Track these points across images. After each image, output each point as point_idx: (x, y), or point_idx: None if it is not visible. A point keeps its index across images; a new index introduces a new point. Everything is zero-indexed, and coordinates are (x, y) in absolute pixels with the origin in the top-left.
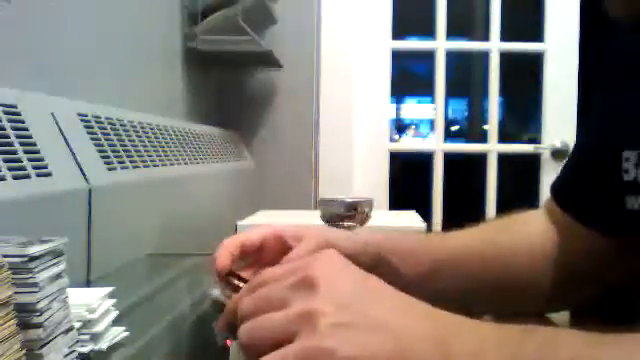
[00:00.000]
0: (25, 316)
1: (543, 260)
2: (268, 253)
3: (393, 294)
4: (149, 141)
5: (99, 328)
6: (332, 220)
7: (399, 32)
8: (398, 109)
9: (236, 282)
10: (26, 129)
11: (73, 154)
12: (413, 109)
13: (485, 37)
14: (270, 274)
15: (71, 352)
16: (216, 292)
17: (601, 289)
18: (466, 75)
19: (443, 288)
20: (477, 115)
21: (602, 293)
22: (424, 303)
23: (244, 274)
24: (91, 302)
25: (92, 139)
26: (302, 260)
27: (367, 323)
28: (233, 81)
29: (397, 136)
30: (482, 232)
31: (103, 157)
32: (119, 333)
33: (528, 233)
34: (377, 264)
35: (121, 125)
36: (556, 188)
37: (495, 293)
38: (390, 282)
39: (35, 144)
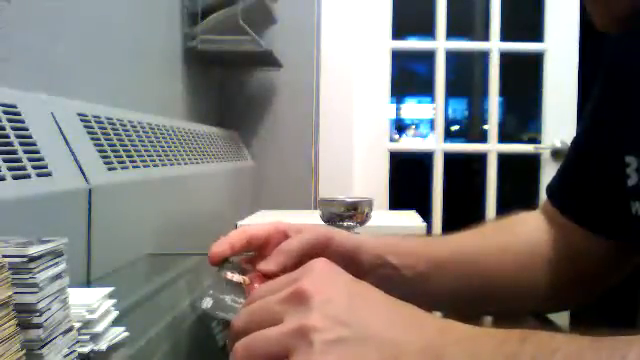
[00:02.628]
0: (25, 316)
1: (542, 260)
2: (272, 248)
3: (386, 304)
4: (149, 141)
5: (99, 328)
6: (332, 220)
7: (399, 32)
8: (398, 109)
9: (229, 276)
10: (26, 129)
11: (73, 154)
12: (413, 109)
13: (485, 37)
14: (263, 290)
15: (71, 352)
16: (207, 303)
17: (601, 289)
18: (466, 75)
19: (443, 288)
20: (477, 115)
21: (602, 293)
22: (418, 310)
23: (246, 266)
24: (91, 302)
25: (92, 139)
26: (294, 272)
27: (361, 337)
28: (233, 81)
29: (397, 136)
30: (482, 233)
31: (103, 157)
32: (119, 333)
33: (527, 234)
34: (377, 264)
35: (121, 125)
36: (554, 190)
37: (495, 293)
38: (391, 282)
39: (35, 144)
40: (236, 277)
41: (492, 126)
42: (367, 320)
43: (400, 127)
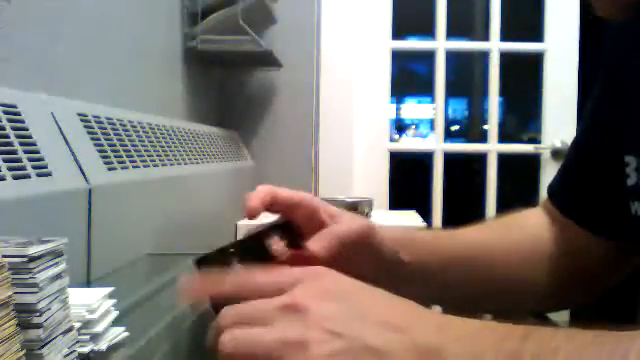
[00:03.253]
0: (25, 316)
1: (543, 257)
2: (300, 218)
3: (383, 310)
4: (149, 141)
5: (99, 328)
6: None
7: (399, 32)
8: (398, 109)
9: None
10: (26, 129)
11: (73, 154)
12: (413, 109)
13: (485, 37)
14: (257, 283)
15: (71, 352)
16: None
17: (601, 289)
18: (466, 75)
19: (452, 284)
20: (477, 115)
21: (602, 293)
22: (417, 310)
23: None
24: (91, 302)
25: (92, 139)
26: (293, 276)
27: (357, 348)
28: (233, 81)
29: (397, 136)
30: (490, 229)
31: (103, 157)
32: (119, 333)
33: (531, 231)
34: (394, 261)
35: (121, 125)
36: (554, 192)
37: (500, 290)
38: (399, 278)
39: (35, 144)
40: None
41: (492, 126)
42: (362, 331)
43: (400, 127)
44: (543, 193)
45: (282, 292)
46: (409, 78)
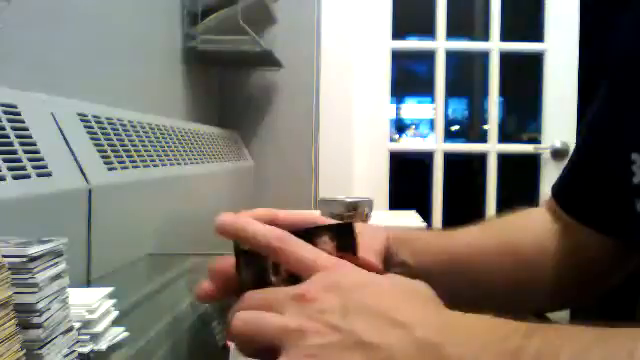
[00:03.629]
0: (25, 316)
1: (547, 255)
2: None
3: (391, 306)
4: (149, 141)
5: (99, 328)
6: None
7: (399, 32)
8: (398, 109)
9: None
10: (26, 129)
11: (73, 154)
12: (413, 109)
13: (485, 37)
14: (290, 245)
15: (71, 352)
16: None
17: (603, 288)
18: (466, 75)
19: (452, 284)
20: (477, 115)
21: (604, 293)
22: (426, 306)
23: None
24: (91, 302)
25: (92, 139)
26: (318, 261)
27: (352, 343)
28: (233, 81)
29: (397, 136)
30: (491, 228)
31: (103, 157)
32: (119, 333)
33: (533, 229)
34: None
35: (121, 125)
36: (558, 190)
37: (501, 289)
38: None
39: (35, 144)
40: None
41: (492, 126)
42: (360, 327)
43: (400, 127)
44: (543, 193)
45: (304, 271)
46: (409, 78)
